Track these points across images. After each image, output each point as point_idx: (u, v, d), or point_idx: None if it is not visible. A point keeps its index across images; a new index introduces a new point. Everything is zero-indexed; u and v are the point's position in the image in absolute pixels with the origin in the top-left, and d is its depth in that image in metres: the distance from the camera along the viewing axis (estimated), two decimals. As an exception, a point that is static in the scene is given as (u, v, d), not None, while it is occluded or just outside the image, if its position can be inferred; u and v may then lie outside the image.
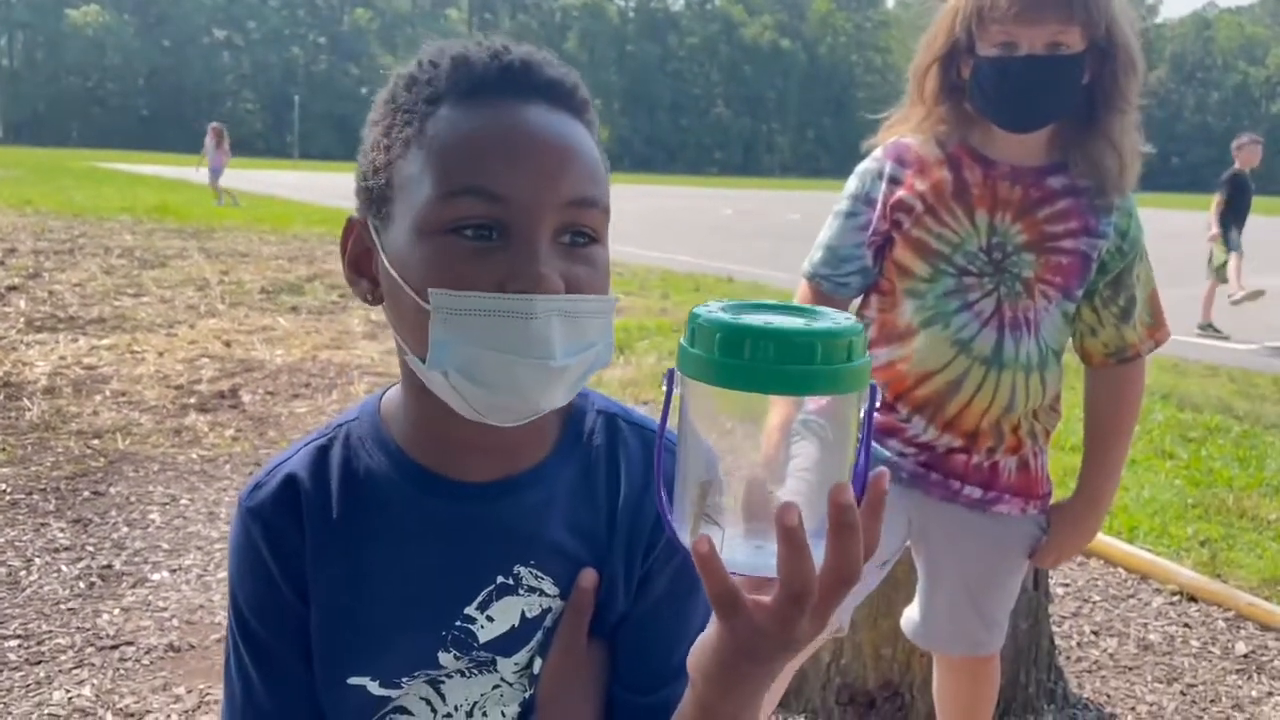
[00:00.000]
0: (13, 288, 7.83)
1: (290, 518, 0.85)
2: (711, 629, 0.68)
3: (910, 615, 1.91)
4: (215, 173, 19.07)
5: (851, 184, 1.78)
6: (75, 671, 2.50)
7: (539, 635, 0.86)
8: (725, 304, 0.62)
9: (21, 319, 6.65)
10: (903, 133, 1.74)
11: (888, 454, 1.73)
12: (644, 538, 0.87)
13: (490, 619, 0.84)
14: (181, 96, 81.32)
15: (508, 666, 0.86)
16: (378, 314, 7.53)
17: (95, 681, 2.46)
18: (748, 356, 0.56)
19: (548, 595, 0.85)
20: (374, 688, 0.85)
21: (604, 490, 0.87)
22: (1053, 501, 1.80)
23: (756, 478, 0.61)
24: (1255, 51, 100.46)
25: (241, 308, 7.57)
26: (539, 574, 0.85)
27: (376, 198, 0.79)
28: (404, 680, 0.85)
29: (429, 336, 0.74)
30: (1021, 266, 1.65)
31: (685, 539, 0.62)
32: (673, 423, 0.65)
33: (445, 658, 0.84)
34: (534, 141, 0.75)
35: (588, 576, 0.85)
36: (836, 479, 0.59)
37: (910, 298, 1.69)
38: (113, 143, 68.73)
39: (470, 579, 0.84)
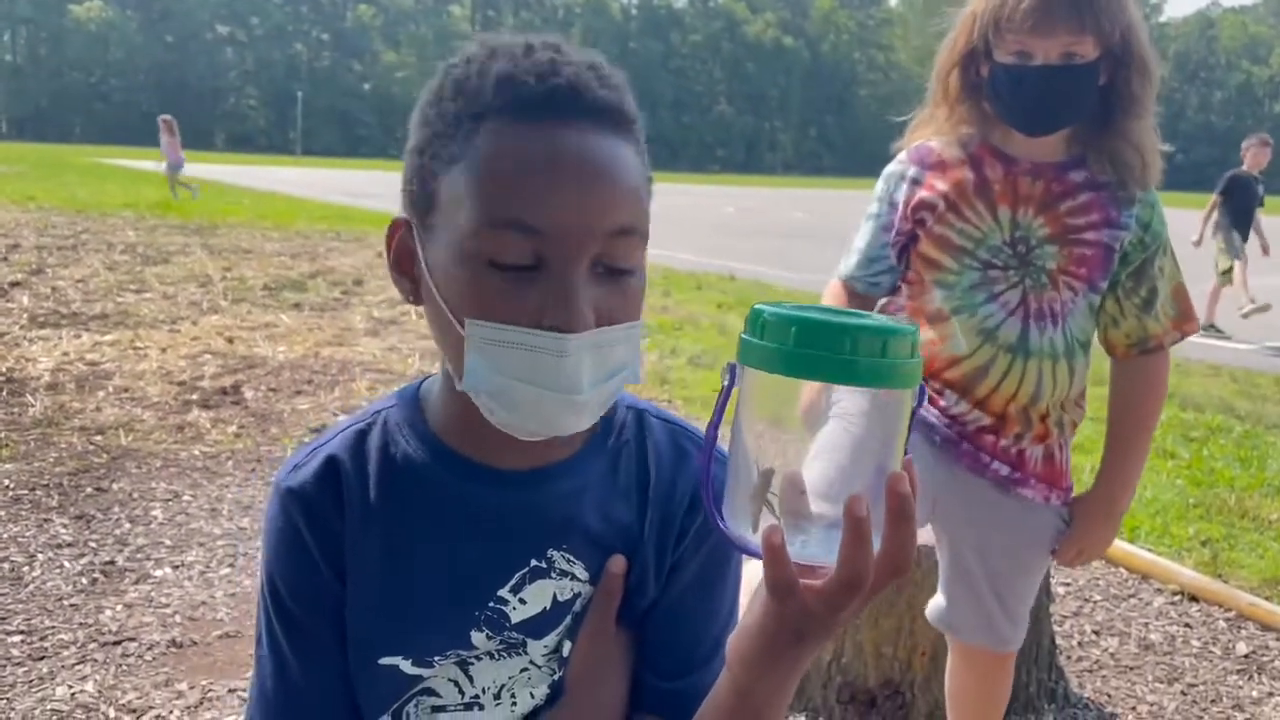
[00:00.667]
0: (16, 283, 7.84)
1: (330, 497, 0.86)
2: (755, 614, 0.70)
3: (935, 602, 1.92)
4: (175, 167, 18.38)
5: (878, 187, 1.84)
6: (78, 667, 2.51)
7: (569, 619, 0.87)
8: (780, 305, 0.65)
9: (25, 315, 6.66)
10: (928, 134, 1.79)
11: (926, 416, 1.76)
12: (674, 525, 0.89)
13: (523, 601, 0.86)
14: (185, 92, 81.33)
15: (537, 649, 0.88)
16: (380, 311, 7.54)
17: (98, 677, 2.47)
18: (831, 350, 0.59)
19: (579, 580, 0.87)
20: (406, 666, 0.86)
21: (634, 481, 0.89)
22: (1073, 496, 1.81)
23: (799, 471, 0.64)
24: (1259, 51, 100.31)
25: (244, 304, 7.57)
26: (571, 558, 0.86)
27: (420, 207, 0.80)
28: (436, 660, 0.86)
29: (464, 360, 0.76)
30: (1045, 259, 1.68)
31: (742, 530, 0.65)
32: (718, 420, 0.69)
33: (478, 637, 0.86)
34: (574, 172, 0.74)
35: (617, 562, 0.87)
36: (890, 470, 0.62)
37: (939, 287, 1.74)
38: (115, 138, 68.72)
39: (504, 562, 0.86)
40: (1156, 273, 1.72)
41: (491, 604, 0.85)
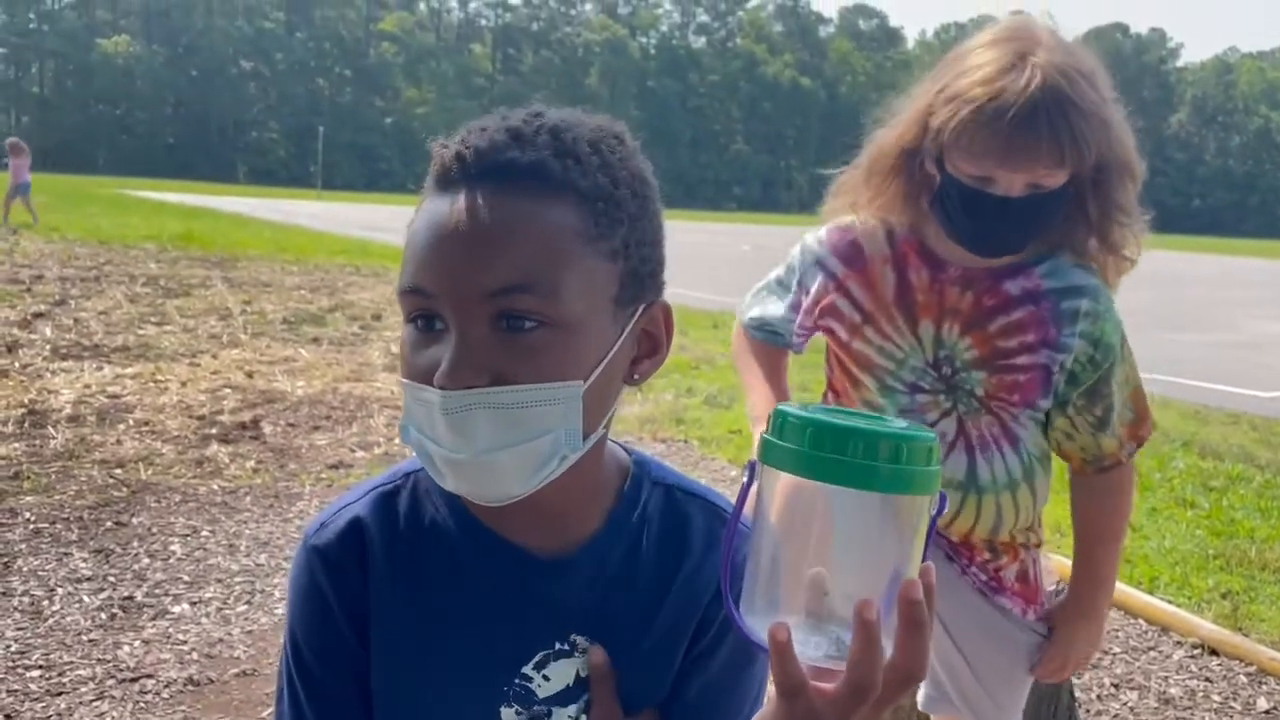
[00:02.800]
0: (39, 315, 7.93)
1: (354, 560, 0.87)
2: (766, 713, 0.69)
3: (924, 690, 1.76)
4: (20, 190, 17.69)
5: (795, 257, 1.68)
6: (95, 704, 2.52)
7: (586, 695, 0.88)
8: (804, 406, 0.66)
9: (48, 346, 6.73)
10: (851, 204, 1.60)
11: None
12: (697, 613, 0.88)
13: (546, 678, 0.87)
14: (207, 125, 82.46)
15: (563, 715, 0.88)
16: (398, 346, 7.58)
17: (115, 714, 2.47)
18: (848, 454, 0.60)
19: None
20: None
21: (656, 562, 0.89)
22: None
23: (818, 572, 0.64)
24: (1277, 96, 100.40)
25: (264, 338, 7.63)
26: (591, 640, 0.87)
27: None
28: None
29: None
30: (973, 384, 1.52)
31: (755, 625, 0.65)
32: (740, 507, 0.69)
33: (507, 713, 0.87)
34: (454, 235, 0.75)
35: (596, 654, 0.86)
36: (905, 576, 0.63)
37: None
38: (139, 170, 69.61)
39: (528, 642, 0.87)
40: (1113, 389, 1.53)
41: (517, 680, 0.87)
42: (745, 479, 0.68)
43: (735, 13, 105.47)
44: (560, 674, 0.87)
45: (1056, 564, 1.86)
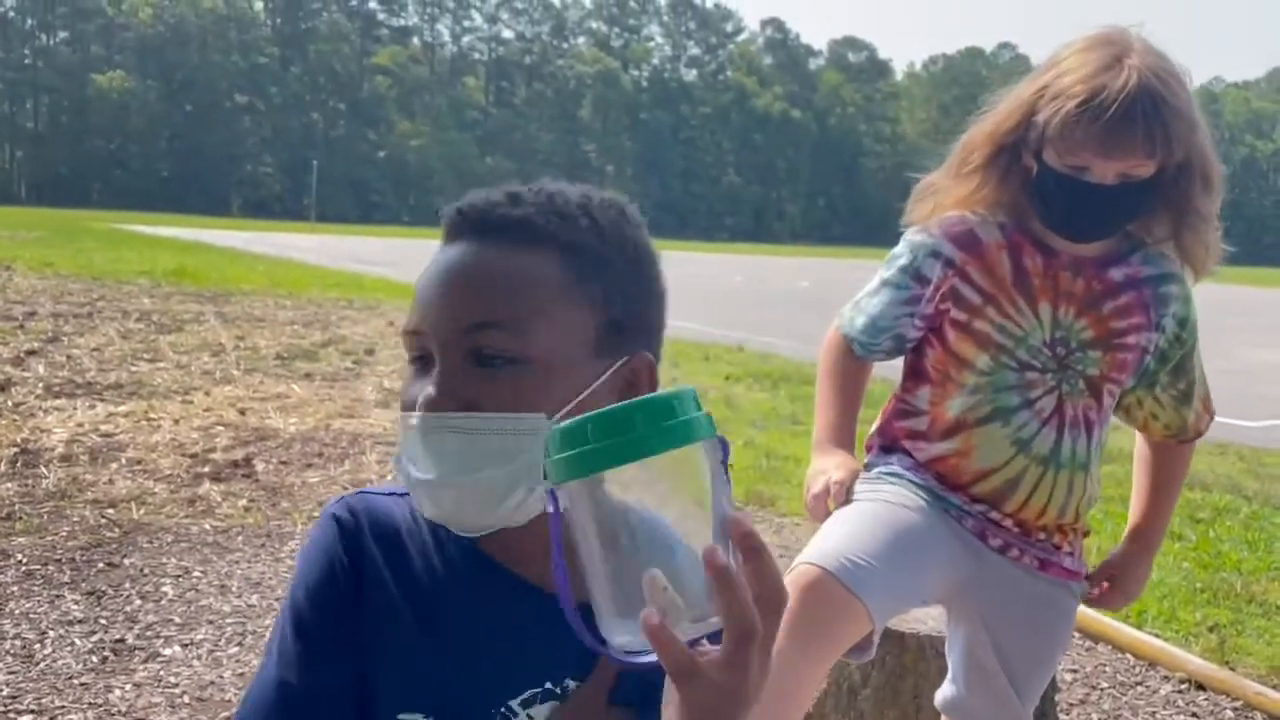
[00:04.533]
0: (32, 352, 7.94)
1: (367, 540, 0.92)
2: (670, 712, 0.67)
3: (946, 691, 1.84)
4: None
5: (902, 255, 1.75)
6: (86, 748, 2.52)
7: None
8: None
9: (40, 384, 6.74)
10: (946, 205, 1.72)
11: (956, 502, 1.71)
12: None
13: (530, 717, 0.89)
14: (202, 159, 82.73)
15: None
16: (390, 381, 7.61)
17: (106, 759, 2.48)
18: (614, 434, 0.60)
19: None
20: None
21: None
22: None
23: (652, 576, 0.62)
24: (1262, 125, 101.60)
25: (257, 374, 7.65)
26: (581, 684, 0.89)
27: None
28: None
29: None
30: (1087, 364, 1.64)
31: (618, 638, 0.64)
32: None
33: None
34: (440, 277, 0.87)
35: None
36: (725, 515, 0.63)
37: (966, 391, 1.68)
38: (133, 204, 69.77)
39: (518, 676, 0.89)
40: (1195, 365, 1.72)
41: (502, 709, 0.89)
42: (550, 509, 0.67)
43: (726, 46, 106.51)
44: (543, 715, 0.89)
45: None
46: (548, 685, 0.89)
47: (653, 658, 0.62)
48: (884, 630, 2.28)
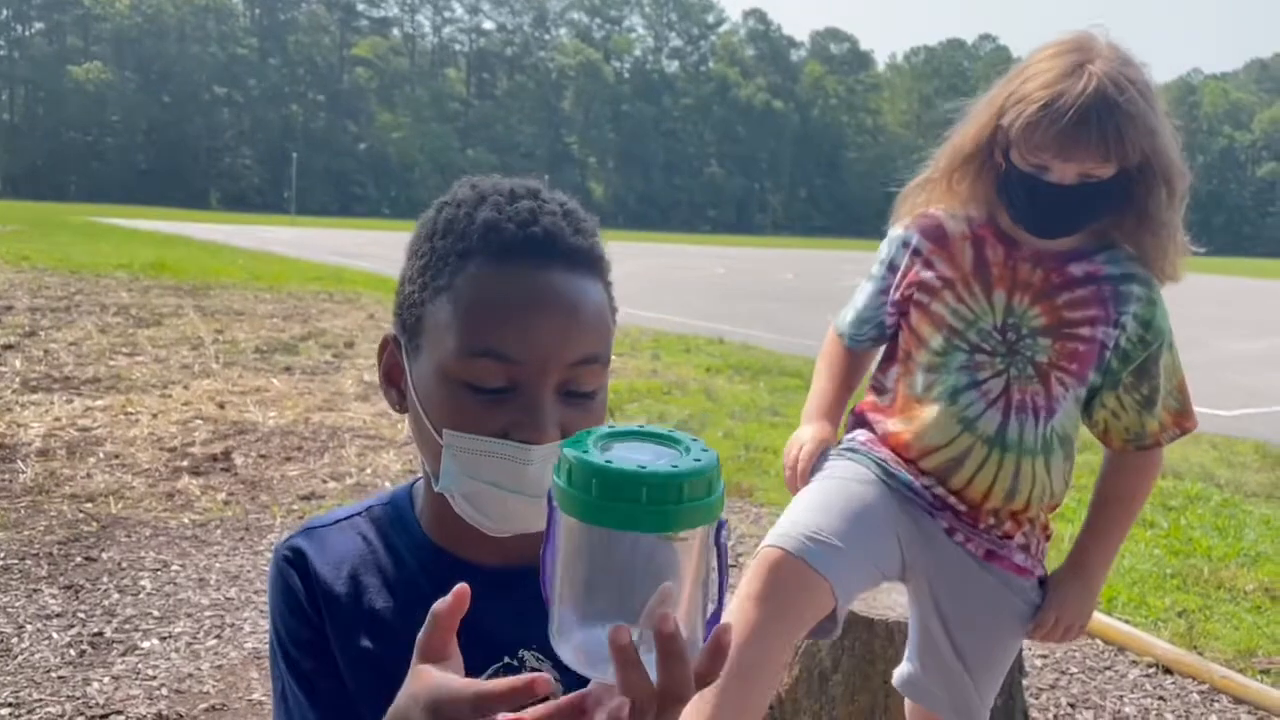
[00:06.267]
0: (8, 346, 7.90)
1: (315, 574, 0.96)
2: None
3: (903, 669, 1.90)
4: None
5: (881, 249, 1.89)
6: (64, 741, 2.53)
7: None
8: (601, 433, 0.67)
9: (17, 379, 6.71)
10: (925, 202, 1.81)
11: (906, 478, 1.77)
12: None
13: None
14: (180, 151, 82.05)
15: None
16: (370, 374, 7.61)
17: (84, 751, 2.49)
18: (636, 499, 0.60)
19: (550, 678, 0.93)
20: None
21: None
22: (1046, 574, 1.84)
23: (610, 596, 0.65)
24: (1240, 116, 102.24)
25: (236, 367, 7.64)
26: (541, 657, 0.93)
27: (409, 329, 0.91)
28: None
29: (441, 464, 0.87)
30: (1036, 350, 1.70)
31: (565, 655, 0.66)
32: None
33: None
34: (547, 308, 0.85)
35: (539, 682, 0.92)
36: (695, 601, 0.65)
37: (923, 370, 1.77)
38: (110, 196, 69.21)
39: (477, 657, 0.92)
40: (1160, 371, 1.72)
41: None
42: (548, 512, 0.69)
43: (708, 37, 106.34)
44: None
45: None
46: (506, 660, 0.93)
47: (597, 673, 0.65)
48: (853, 617, 2.33)
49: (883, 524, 1.74)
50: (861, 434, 1.88)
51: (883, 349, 1.94)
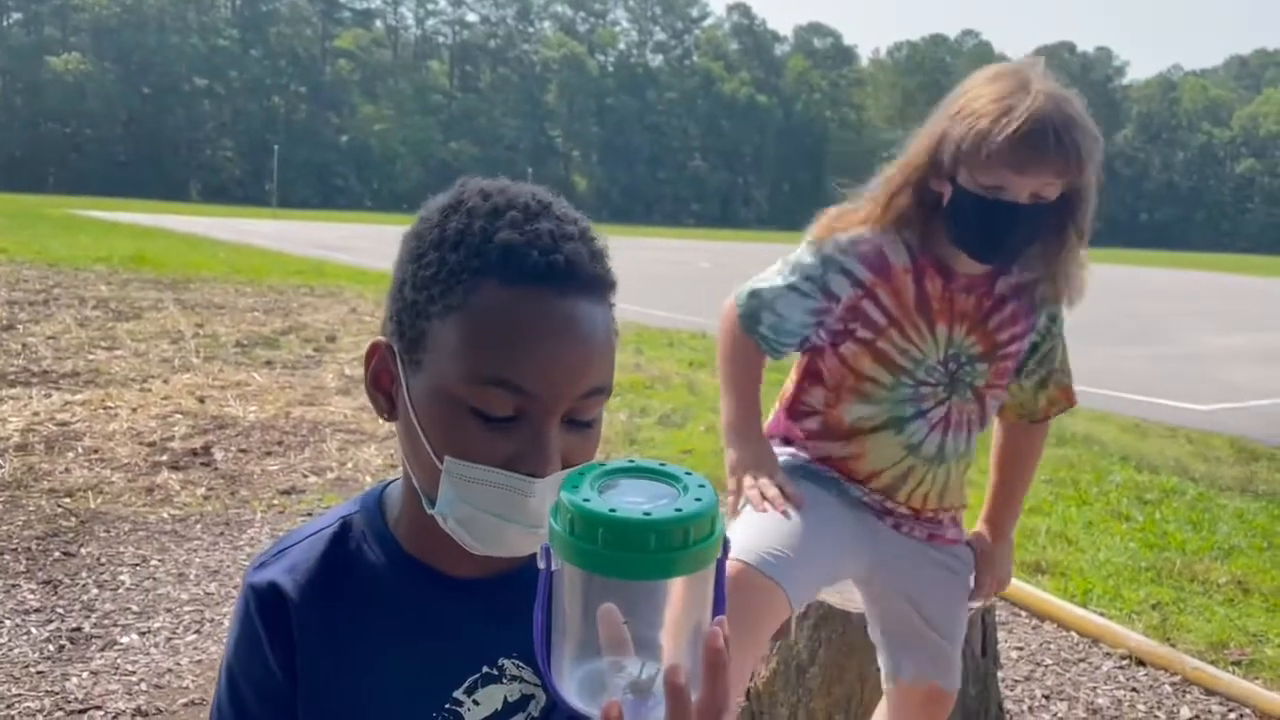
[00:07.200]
0: (-14, 340, 7.84)
1: (286, 600, 0.93)
2: None
3: (886, 667, 1.97)
4: None
5: (807, 262, 1.79)
6: (43, 736, 2.53)
7: (520, 716, 0.94)
8: (597, 472, 0.67)
9: (-5, 373, 6.66)
10: (857, 225, 1.78)
11: (857, 494, 1.85)
12: None
13: (476, 703, 0.93)
14: (160, 143, 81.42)
15: None
16: (351, 369, 7.59)
17: (62, 746, 2.49)
18: (644, 548, 0.61)
19: (528, 682, 0.94)
20: None
21: None
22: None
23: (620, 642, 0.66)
24: (1219, 113, 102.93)
25: (216, 362, 7.61)
26: (520, 664, 0.94)
27: (409, 340, 0.86)
28: None
29: (439, 489, 0.85)
30: (974, 376, 1.78)
31: (569, 694, 0.67)
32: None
33: None
34: (564, 341, 0.82)
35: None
36: (705, 625, 0.67)
37: (863, 401, 1.78)
38: (89, 188, 68.58)
39: (458, 666, 0.93)
40: (1057, 353, 1.87)
41: (448, 705, 0.93)
42: (542, 565, 0.70)
43: (692, 31, 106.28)
44: (489, 699, 0.93)
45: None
46: (485, 669, 0.94)
47: (596, 709, 0.66)
48: (831, 610, 2.36)
49: (834, 532, 1.79)
50: (798, 447, 1.90)
51: (798, 360, 1.91)
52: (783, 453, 1.90)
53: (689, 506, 0.63)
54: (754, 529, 1.71)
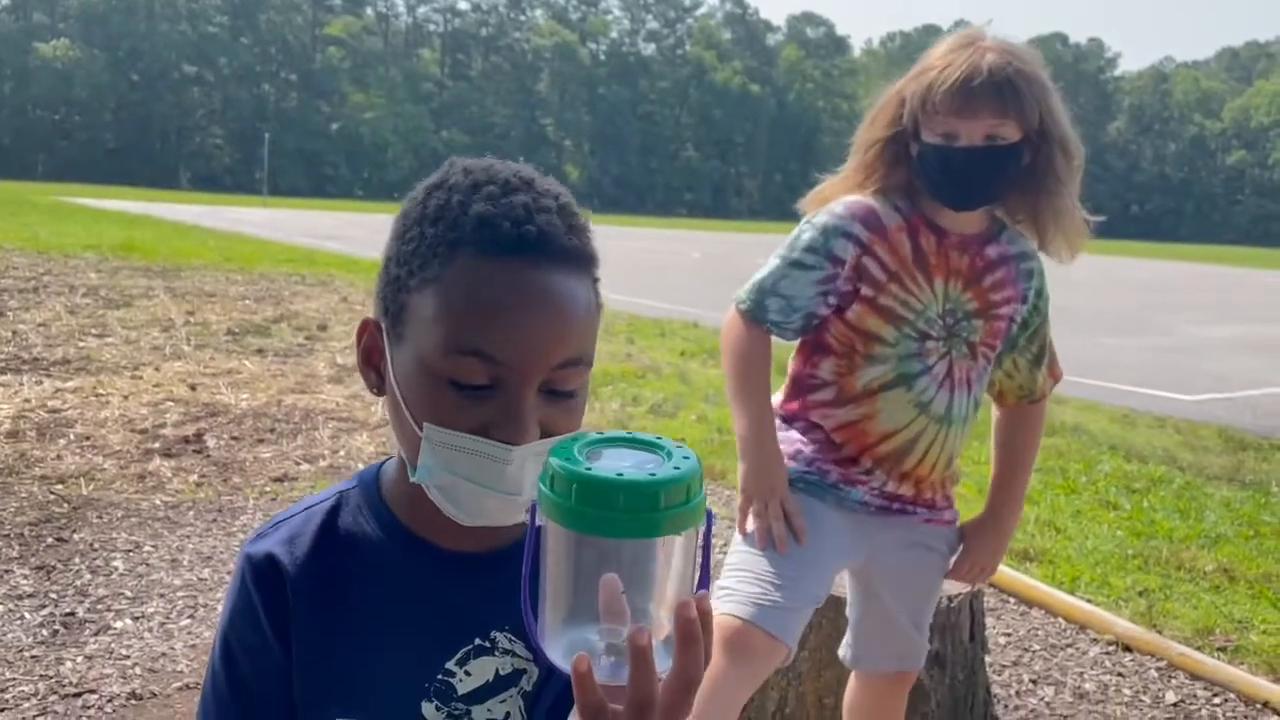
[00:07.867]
0: (-24, 327, 7.82)
1: (283, 572, 0.95)
2: None
3: (846, 643, 2.09)
4: None
5: (807, 236, 1.82)
6: (38, 719, 2.54)
7: (512, 690, 0.95)
8: (588, 440, 0.69)
9: (-15, 360, 6.65)
10: (842, 193, 1.86)
11: (857, 496, 1.88)
12: None
13: (468, 674, 0.95)
14: (150, 131, 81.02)
15: (481, 713, 0.95)
16: (343, 357, 7.59)
17: (57, 730, 2.50)
18: (625, 507, 0.63)
19: (520, 657, 0.95)
20: None
21: None
22: (961, 523, 2.02)
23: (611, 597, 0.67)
24: (1211, 105, 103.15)
25: (207, 349, 7.60)
26: (512, 638, 0.95)
27: (392, 315, 0.89)
28: None
29: (419, 456, 0.87)
30: (970, 332, 1.83)
31: (554, 653, 0.69)
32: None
33: (428, 708, 0.94)
34: (536, 311, 0.83)
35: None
36: (682, 594, 0.68)
37: (872, 362, 1.82)
38: (79, 176, 68.27)
39: (450, 638, 0.95)
40: (1047, 331, 1.95)
41: (439, 675, 0.94)
42: (527, 521, 0.71)
43: (685, 20, 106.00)
44: (480, 670, 0.94)
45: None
46: (478, 641, 0.95)
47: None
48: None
49: (825, 552, 1.84)
50: (800, 426, 1.91)
51: (801, 342, 1.92)
52: (801, 448, 1.91)
53: (665, 473, 0.65)
54: (751, 572, 1.78)
